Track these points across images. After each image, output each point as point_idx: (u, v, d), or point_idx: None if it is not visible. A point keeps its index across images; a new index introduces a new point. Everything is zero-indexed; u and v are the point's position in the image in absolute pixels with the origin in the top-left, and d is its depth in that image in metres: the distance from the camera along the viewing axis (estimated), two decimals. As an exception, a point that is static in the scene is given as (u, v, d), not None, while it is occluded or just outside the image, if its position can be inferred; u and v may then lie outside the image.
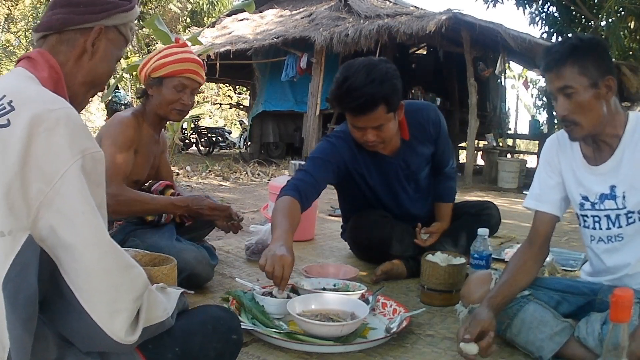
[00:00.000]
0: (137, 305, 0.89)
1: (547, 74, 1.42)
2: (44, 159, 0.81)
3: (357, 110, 1.93)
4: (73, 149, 0.83)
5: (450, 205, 2.43)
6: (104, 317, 0.84)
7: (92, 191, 0.84)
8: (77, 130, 0.85)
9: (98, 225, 0.84)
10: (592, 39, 1.44)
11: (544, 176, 1.60)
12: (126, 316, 0.86)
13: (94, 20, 1.03)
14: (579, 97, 1.37)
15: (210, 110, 20.25)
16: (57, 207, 0.80)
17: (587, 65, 1.36)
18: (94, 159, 0.86)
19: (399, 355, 1.50)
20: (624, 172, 1.44)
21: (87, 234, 0.82)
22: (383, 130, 1.99)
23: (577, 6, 7.59)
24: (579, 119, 1.40)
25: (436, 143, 2.30)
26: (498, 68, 7.77)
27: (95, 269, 0.83)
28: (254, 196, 5.16)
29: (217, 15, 14.26)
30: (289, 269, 1.54)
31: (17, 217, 0.79)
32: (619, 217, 1.47)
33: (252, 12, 6.93)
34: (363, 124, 1.97)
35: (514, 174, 7.40)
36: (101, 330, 0.84)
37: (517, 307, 1.48)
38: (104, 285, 0.84)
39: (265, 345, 1.52)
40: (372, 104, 1.90)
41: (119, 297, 0.85)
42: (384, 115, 1.94)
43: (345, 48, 8.14)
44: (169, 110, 2.04)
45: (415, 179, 2.33)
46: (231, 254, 2.61)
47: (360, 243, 2.41)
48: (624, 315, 0.80)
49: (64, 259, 0.82)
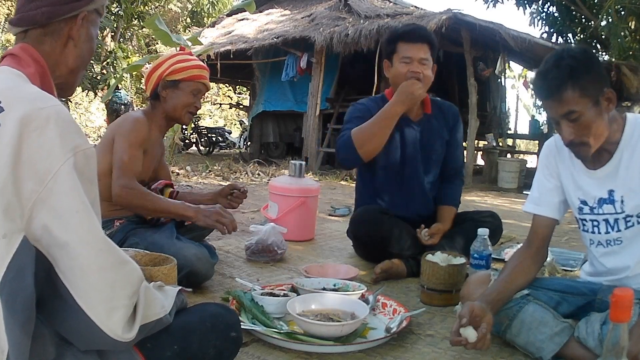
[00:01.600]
0: (133, 301, 0.89)
1: (547, 101, 1.37)
2: (35, 158, 0.80)
3: (413, 38, 2.31)
4: (64, 147, 0.82)
5: (453, 210, 2.45)
6: (100, 315, 0.84)
7: (85, 189, 0.84)
8: (67, 128, 0.84)
9: (92, 223, 0.84)
10: (584, 53, 1.36)
11: (542, 180, 1.60)
12: (123, 313, 0.86)
13: (78, 7, 1.01)
14: (583, 119, 1.34)
15: (210, 110, 20.25)
16: (50, 206, 0.80)
17: (587, 86, 1.32)
18: (86, 156, 0.85)
19: (399, 355, 1.50)
20: (622, 176, 1.44)
21: (82, 232, 0.82)
22: (425, 66, 2.32)
23: (577, 6, 7.60)
24: (587, 140, 1.37)
25: (451, 134, 2.48)
26: (498, 68, 7.77)
27: (91, 267, 0.83)
28: (254, 196, 5.16)
29: (217, 15, 14.26)
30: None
31: (11, 219, 0.78)
32: (618, 221, 1.46)
33: (253, 12, 6.93)
34: (413, 54, 2.30)
35: (514, 174, 7.40)
36: (98, 328, 0.84)
37: (517, 307, 1.48)
38: (100, 282, 0.84)
39: (265, 345, 1.52)
40: (425, 37, 2.33)
41: (114, 294, 0.85)
42: (428, 53, 2.32)
43: (345, 48, 8.13)
44: (184, 113, 2.10)
45: (428, 155, 2.44)
46: (231, 254, 2.61)
47: (360, 238, 2.44)
48: (624, 315, 0.80)
49: (59, 258, 0.82)
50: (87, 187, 0.85)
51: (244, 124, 13.25)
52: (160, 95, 2.06)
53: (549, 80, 1.34)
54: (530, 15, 8.43)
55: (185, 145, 12.22)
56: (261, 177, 7.04)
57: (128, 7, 11.96)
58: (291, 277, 2.21)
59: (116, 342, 0.86)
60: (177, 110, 2.08)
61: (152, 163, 2.16)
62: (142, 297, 0.91)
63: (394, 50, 2.34)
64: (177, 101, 2.06)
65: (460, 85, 8.39)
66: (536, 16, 8.41)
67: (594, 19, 7.63)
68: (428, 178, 2.46)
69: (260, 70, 10.07)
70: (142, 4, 12.71)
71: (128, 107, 11.98)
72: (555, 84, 1.33)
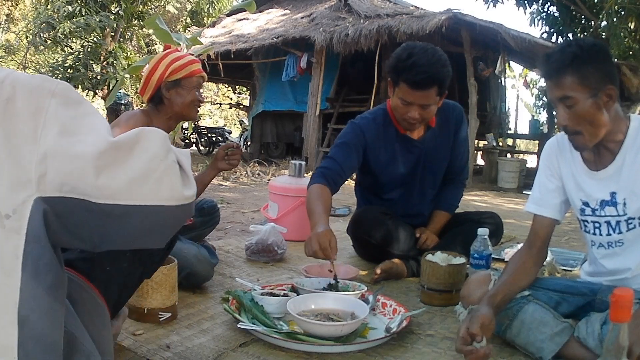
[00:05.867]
0: (170, 159, 0.82)
1: (547, 82, 1.40)
2: (20, 126, 0.75)
3: (415, 84, 2.04)
4: (41, 96, 0.77)
5: (447, 215, 2.44)
6: (152, 194, 0.78)
7: (77, 112, 0.80)
8: (34, 85, 0.78)
9: (94, 132, 0.79)
10: (594, 45, 1.38)
11: (543, 180, 1.59)
12: (169, 175, 0.80)
13: None
14: (578, 108, 1.35)
15: (210, 110, 20.25)
16: (54, 151, 0.75)
17: (588, 75, 1.33)
18: (66, 89, 0.80)
19: (399, 355, 1.50)
20: (624, 179, 1.43)
21: (91, 140, 0.77)
22: (427, 110, 2.12)
23: (577, 6, 7.59)
24: (580, 129, 1.38)
25: (454, 139, 2.38)
26: (498, 68, 7.77)
27: (113, 166, 0.77)
28: (254, 196, 5.16)
29: (217, 15, 14.25)
30: (334, 239, 1.77)
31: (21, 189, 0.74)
32: (620, 224, 1.46)
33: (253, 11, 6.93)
34: (413, 99, 2.08)
35: (514, 174, 7.41)
36: (160, 207, 0.78)
37: (517, 308, 1.48)
38: (130, 171, 0.78)
39: (265, 345, 1.52)
40: (431, 82, 2.03)
41: (150, 166, 0.79)
42: (434, 96, 2.08)
43: (345, 48, 8.13)
44: (192, 109, 2.13)
45: (432, 171, 2.38)
46: (231, 254, 2.61)
47: (360, 238, 2.42)
48: (624, 315, 0.80)
49: (87, 184, 0.76)
50: (78, 108, 0.80)
51: (244, 124, 13.26)
52: (165, 98, 2.08)
53: (552, 62, 1.37)
54: (530, 15, 8.42)
55: (185, 145, 12.23)
56: (261, 177, 7.04)
57: (128, 7, 11.95)
58: (291, 277, 2.21)
59: (184, 207, 0.81)
60: (185, 107, 2.11)
61: None
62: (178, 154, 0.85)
63: (397, 83, 2.10)
64: (184, 99, 2.09)
65: (460, 85, 8.39)
66: (536, 16, 8.40)
67: (594, 19, 7.63)
68: (432, 189, 2.43)
69: (260, 70, 10.07)
70: (142, 3, 12.69)
71: (128, 107, 11.99)
72: (555, 67, 1.36)
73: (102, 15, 11.23)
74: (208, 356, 1.44)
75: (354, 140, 2.24)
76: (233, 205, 4.46)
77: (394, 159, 2.31)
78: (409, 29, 7.47)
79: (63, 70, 11.50)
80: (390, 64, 2.12)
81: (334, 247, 1.74)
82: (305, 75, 8.94)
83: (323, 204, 1.98)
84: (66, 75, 11.37)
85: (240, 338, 1.56)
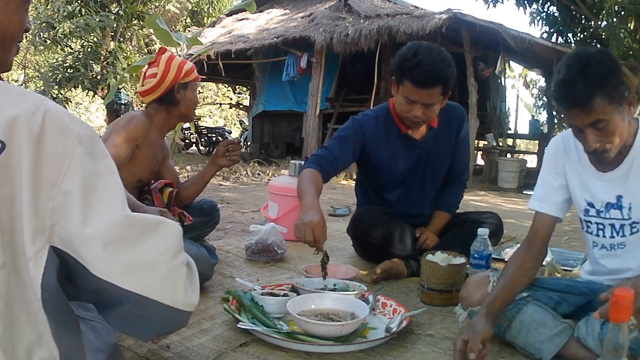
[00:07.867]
0: (180, 259, 0.82)
1: (572, 110, 1.31)
2: (45, 165, 0.73)
3: (420, 83, 2.04)
4: (68, 143, 0.75)
5: (447, 216, 2.44)
6: (153, 287, 0.77)
7: (99, 167, 0.78)
8: (64, 125, 0.76)
9: (112, 204, 0.78)
10: (610, 59, 1.32)
11: (547, 177, 1.58)
12: (175, 277, 0.80)
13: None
14: (610, 127, 1.31)
15: (210, 110, 20.26)
16: (67, 207, 0.74)
17: (613, 92, 1.28)
18: (92, 137, 0.78)
19: (399, 355, 1.50)
20: (632, 183, 1.42)
21: (103, 219, 0.76)
22: (430, 109, 2.12)
23: (577, 6, 7.59)
24: (610, 145, 1.34)
25: (456, 140, 2.38)
26: (498, 68, 7.77)
27: (120, 245, 0.76)
28: (254, 196, 5.16)
29: (217, 15, 14.25)
30: (319, 230, 1.68)
31: (38, 236, 0.73)
32: (624, 227, 1.46)
33: (253, 11, 6.93)
34: (417, 98, 2.08)
35: (514, 174, 7.41)
36: (159, 304, 0.77)
37: (516, 309, 1.47)
38: (136, 257, 0.77)
39: (265, 345, 1.52)
40: (435, 81, 2.03)
41: (158, 260, 0.78)
42: (438, 95, 2.08)
43: (345, 48, 8.14)
44: (193, 110, 2.24)
45: (433, 172, 2.38)
46: (231, 254, 2.61)
47: (360, 238, 2.42)
48: (624, 315, 0.80)
49: (88, 252, 0.75)
50: (100, 163, 0.79)
51: (244, 124, 13.26)
52: (176, 99, 2.15)
53: (578, 90, 1.27)
54: (531, 15, 8.42)
55: (185, 145, 12.24)
56: (261, 177, 7.04)
57: (128, 7, 11.96)
58: (291, 277, 2.21)
59: (182, 313, 0.80)
60: (190, 109, 2.22)
61: (150, 161, 2.18)
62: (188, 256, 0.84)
63: (401, 81, 2.10)
64: (190, 101, 2.20)
65: (460, 85, 8.37)
66: (536, 16, 8.39)
67: (594, 19, 7.63)
68: (433, 190, 2.44)
69: (261, 70, 10.08)
70: (142, 3, 12.70)
71: (128, 107, 11.98)
72: (584, 95, 1.27)
73: (102, 15, 11.24)
74: (208, 356, 1.44)
75: (353, 135, 2.25)
76: (233, 205, 4.46)
77: (395, 157, 2.31)
78: (409, 29, 7.48)
79: (63, 70, 11.51)
80: (395, 62, 2.12)
81: (318, 239, 1.69)
82: (305, 75, 8.94)
83: (315, 187, 1.96)
84: (66, 75, 11.37)
85: (240, 338, 1.56)
